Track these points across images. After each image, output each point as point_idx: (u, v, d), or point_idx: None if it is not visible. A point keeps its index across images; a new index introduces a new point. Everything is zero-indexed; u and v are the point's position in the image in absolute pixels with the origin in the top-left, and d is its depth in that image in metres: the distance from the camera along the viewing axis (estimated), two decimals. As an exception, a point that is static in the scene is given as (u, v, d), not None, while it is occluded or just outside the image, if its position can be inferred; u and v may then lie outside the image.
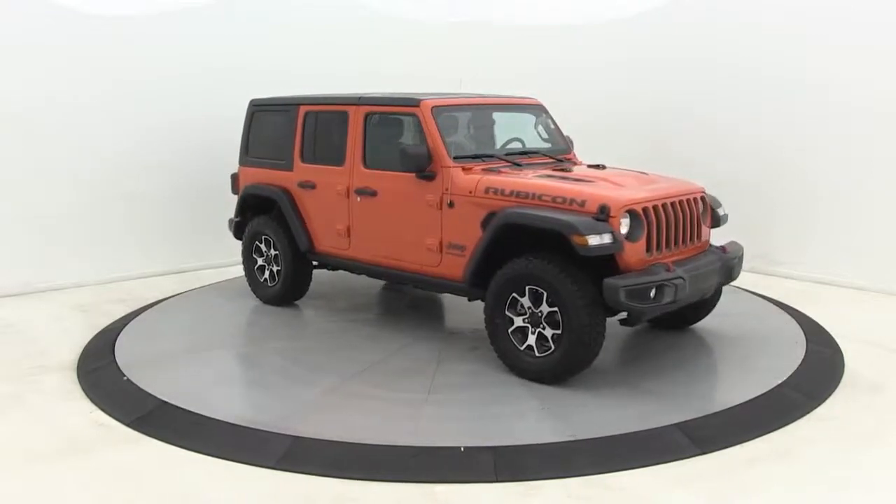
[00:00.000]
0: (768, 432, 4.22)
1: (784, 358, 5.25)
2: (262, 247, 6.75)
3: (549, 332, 4.72)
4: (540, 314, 4.73)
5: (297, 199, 6.41)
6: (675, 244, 4.95)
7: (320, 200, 6.23)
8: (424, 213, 5.39)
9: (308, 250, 6.41)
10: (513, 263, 4.81)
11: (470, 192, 5.14)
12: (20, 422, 4.51)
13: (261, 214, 6.74)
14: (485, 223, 5.02)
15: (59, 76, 7.35)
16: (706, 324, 5.81)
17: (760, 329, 5.98)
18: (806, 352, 5.39)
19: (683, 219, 5.00)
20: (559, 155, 5.96)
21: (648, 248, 4.74)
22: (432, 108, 5.43)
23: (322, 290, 7.19)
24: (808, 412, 4.50)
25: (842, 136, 7.49)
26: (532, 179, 5.02)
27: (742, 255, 5.41)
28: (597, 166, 5.71)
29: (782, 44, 7.86)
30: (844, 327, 5.97)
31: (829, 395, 4.77)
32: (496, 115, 6.15)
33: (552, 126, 6.20)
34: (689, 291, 4.71)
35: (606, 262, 4.64)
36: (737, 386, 4.80)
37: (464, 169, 5.26)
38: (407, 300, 7.04)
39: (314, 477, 3.79)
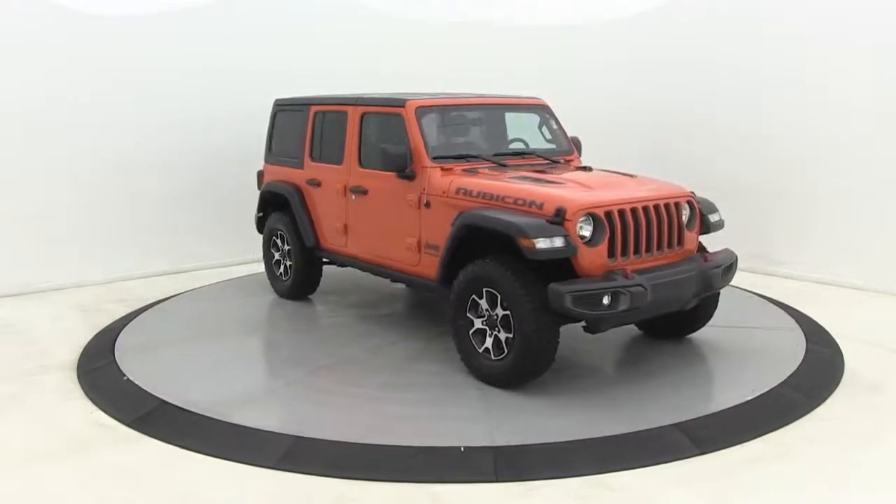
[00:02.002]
0: (768, 432, 4.22)
1: (784, 358, 5.25)
2: (279, 242, 6.93)
3: (503, 336, 4.67)
4: (496, 317, 4.69)
5: (306, 197, 6.55)
6: (646, 250, 4.74)
7: (324, 198, 6.35)
8: (406, 212, 5.45)
9: (314, 246, 6.53)
10: (472, 265, 4.78)
11: (443, 193, 5.16)
12: (20, 422, 4.51)
13: (278, 210, 6.90)
14: (454, 224, 5.03)
15: (59, 76, 7.35)
16: (706, 325, 5.79)
17: (760, 329, 5.98)
18: (806, 352, 5.39)
19: (659, 224, 4.79)
20: (559, 156, 5.89)
21: (611, 254, 4.59)
22: (416, 108, 5.47)
23: (338, 286, 7.28)
24: (808, 412, 4.50)
25: (842, 135, 7.48)
26: (500, 181, 5.00)
27: (732, 263, 5.15)
28: (584, 168, 5.65)
29: (782, 44, 7.86)
30: (844, 327, 5.97)
31: (829, 395, 4.76)
32: (494, 116, 6.13)
33: (555, 126, 6.14)
34: (652, 300, 4.52)
35: (564, 267, 4.53)
36: (737, 386, 4.79)
37: (443, 169, 5.27)
38: (417, 299, 7.04)
39: (314, 477, 3.79)
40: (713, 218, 5.24)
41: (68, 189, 7.50)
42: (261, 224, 7.19)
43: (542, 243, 4.38)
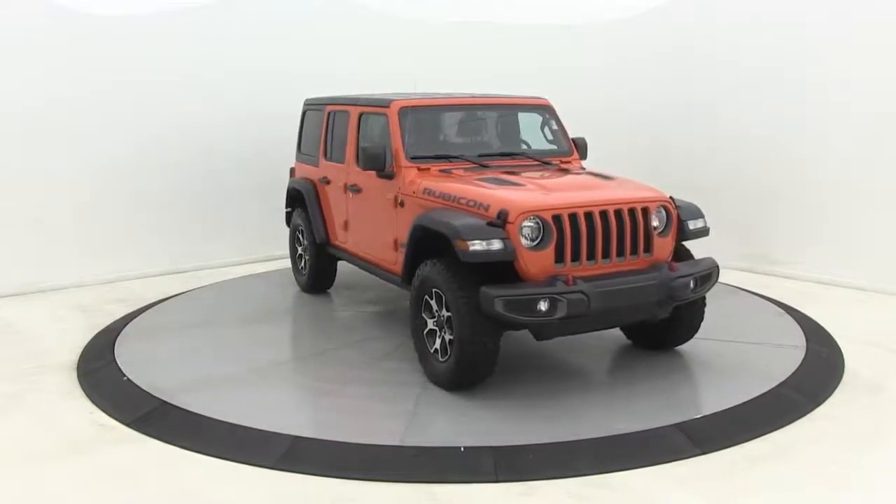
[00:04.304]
0: (768, 432, 4.22)
1: (784, 358, 5.25)
2: (300, 237, 7.12)
3: (448, 338, 4.64)
4: (443, 318, 4.66)
5: (319, 194, 6.72)
6: (603, 256, 4.56)
7: (332, 195, 6.51)
8: (386, 211, 5.53)
9: (324, 242, 6.67)
10: (423, 265, 4.78)
11: (413, 193, 5.20)
12: (20, 422, 4.51)
13: (301, 207, 7.05)
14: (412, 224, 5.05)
15: (59, 76, 7.35)
16: (705, 323, 5.74)
17: (760, 329, 5.97)
18: (806, 352, 5.39)
19: (620, 229, 4.60)
20: (555, 157, 5.77)
21: (560, 258, 4.46)
22: (400, 109, 5.53)
23: (359, 282, 7.35)
24: (808, 412, 4.50)
25: (842, 136, 7.48)
26: (462, 183, 5.00)
27: (708, 273, 4.85)
28: (565, 170, 5.54)
29: (782, 43, 7.86)
30: (844, 327, 5.97)
31: (829, 395, 4.76)
32: (489, 116, 6.11)
33: (555, 127, 6.02)
34: (600, 308, 4.36)
35: (509, 271, 4.45)
36: (737, 386, 4.78)
37: (419, 169, 5.30)
38: None
39: (314, 477, 3.79)
40: (692, 225, 4.98)
41: (68, 189, 7.50)
42: (289, 219, 7.41)
43: (476, 245, 4.34)
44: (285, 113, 8.29)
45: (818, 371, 5.11)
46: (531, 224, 4.44)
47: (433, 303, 4.74)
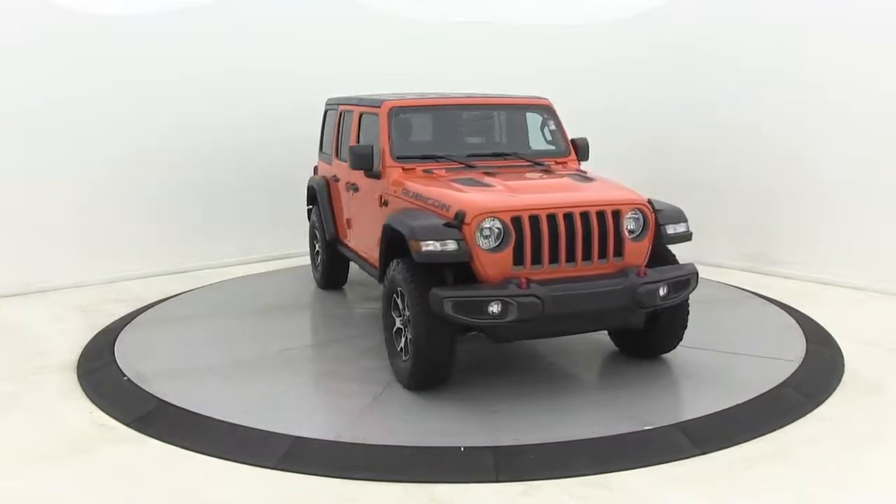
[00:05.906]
0: (768, 432, 4.22)
1: (783, 358, 5.25)
2: (317, 233, 7.24)
3: (408, 337, 4.63)
4: (406, 318, 4.65)
5: (330, 192, 6.86)
6: (567, 260, 4.46)
7: (340, 193, 6.63)
8: (374, 210, 5.58)
9: (333, 239, 6.80)
10: (391, 265, 4.79)
11: (395, 193, 5.23)
12: (20, 422, 4.51)
13: (317, 204, 7.16)
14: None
15: (59, 76, 7.35)
16: (706, 323, 5.75)
17: (760, 329, 5.98)
18: (806, 352, 5.39)
19: (587, 233, 4.48)
20: (551, 158, 5.68)
21: (519, 261, 4.40)
22: (390, 109, 5.57)
23: (370, 278, 7.33)
24: (808, 412, 4.50)
25: (843, 135, 7.48)
26: (434, 184, 5.01)
27: (684, 280, 4.68)
28: (548, 171, 5.46)
29: (783, 43, 7.86)
30: (844, 327, 5.97)
31: (829, 395, 4.76)
32: (484, 116, 6.10)
33: (553, 127, 5.94)
34: (556, 312, 4.27)
35: (467, 273, 4.44)
36: (736, 386, 4.78)
37: (404, 169, 5.32)
38: None
39: (314, 477, 3.80)
40: (672, 230, 4.81)
41: (68, 189, 7.50)
42: (310, 216, 7.52)
43: (429, 246, 4.33)
44: (285, 113, 8.31)
45: (818, 371, 5.11)
46: (489, 225, 4.40)
47: (399, 302, 4.75)
